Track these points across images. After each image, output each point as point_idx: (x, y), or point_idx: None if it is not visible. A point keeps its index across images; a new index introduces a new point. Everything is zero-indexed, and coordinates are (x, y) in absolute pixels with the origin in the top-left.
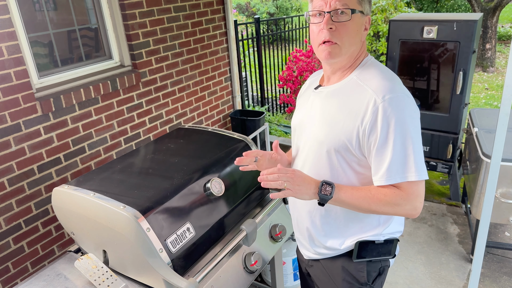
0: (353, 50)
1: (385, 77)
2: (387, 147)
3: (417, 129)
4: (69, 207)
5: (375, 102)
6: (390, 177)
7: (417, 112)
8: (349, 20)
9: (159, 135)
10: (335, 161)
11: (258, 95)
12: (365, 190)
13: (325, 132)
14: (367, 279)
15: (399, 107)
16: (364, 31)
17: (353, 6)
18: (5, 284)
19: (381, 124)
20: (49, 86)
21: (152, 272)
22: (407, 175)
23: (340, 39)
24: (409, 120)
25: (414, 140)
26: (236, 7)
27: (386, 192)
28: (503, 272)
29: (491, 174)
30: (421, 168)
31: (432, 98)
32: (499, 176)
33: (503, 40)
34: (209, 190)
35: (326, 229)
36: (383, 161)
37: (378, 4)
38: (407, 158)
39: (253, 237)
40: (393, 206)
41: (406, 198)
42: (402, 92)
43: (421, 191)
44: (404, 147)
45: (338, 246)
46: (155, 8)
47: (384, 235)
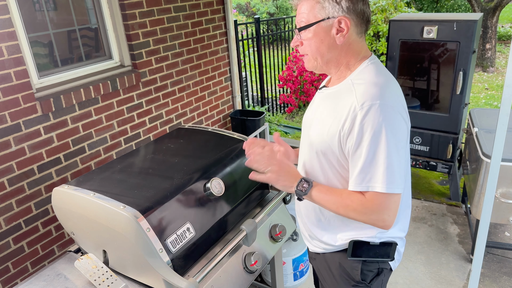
0: (328, 58)
1: (375, 82)
2: (360, 154)
3: (395, 139)
4: (69, 207)
5: (354, 108)
6: (359, 184)
7: (400, 123)
8: (304, 36)
9: (159, 135)
10: (323, 163)
11: (258, 95)
12: (336, 193)
13: (316, 133)
14: (361, 277)
15: (376, 116)
16: (337, 34)
17: (309, 19)
18: (5, 284)
19: (356, 131)
20: (49, 86)
21: (152, 272)
22: (373, 185)
23: (307, 51)
24: (386, 130)
25: (389, 151)
26: (236, 7)
27: (354, 199)
28: (503, 272)
29: (491, 174)
30: (391, 180)
31: (432, 98)
32: (499, 176)
33: (503, 40)
34: (209, 190)
35: (320, 225)
36: (355, 167)
37: (378, 4)
38: (377, 168)
39: (253, 237)
40: (358, 214)
41: (371, 208)
42: (385, 100)
43: (390, 204)
44: (375, 156)
45: (333, 242)
46: (155, 8)
47: (380, 238)
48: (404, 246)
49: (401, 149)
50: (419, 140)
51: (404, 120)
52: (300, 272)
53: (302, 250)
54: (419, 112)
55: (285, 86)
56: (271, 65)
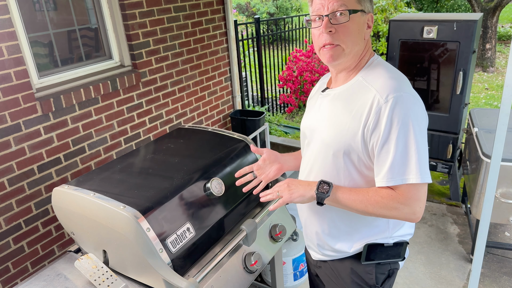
0: (356, 50)
1: (391, 76)
2: (389, 148)
3: (421, 130)
4: (69, 207)
5: (378, 102)
6: (391, 178)
7: (423, 113)
8: (348, 21)
9: (159, 135)
10: (341, 164)
11: (258, 95)
12: (363, 192)
13: (332, 134)
14: (375, 281)
15: (402, 107)
16: (367, 29)
17: (352, 6)
18: (5, 284)
19: (383, 124)
20: (49, 86)
21: (152, 272)
22: (408, 177)
23: (341, 40)
24: (412, 121)
25: (417, 142)
26: (236, 7)
27: (384, 195)
28: (503, 272)
29: (491, 174)
30: (424, 170)
31: (432, 98)
32: (499, 176)
33: (503, 40)
34: (209, 190)
35: (334, 233)
36: (385, 162)
37: (378, 4)
38: (409, 160)
39: (253, 237)
40: (390, 210)
41: (403, 202)
42: (408, 92)
43: (421, 195)
44: (406, 148)
45: (347, 249)
46: (155, 8)
47: (393, 238)
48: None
49: (426, 139)
50: None
51: (424, 110)
52: (300, 272)
53: (302, 250)
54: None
55: (285, 86)
56: (271, 65)
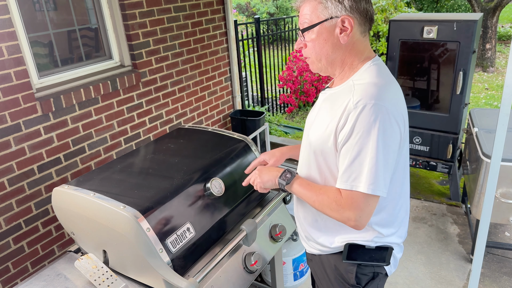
0: (332, 58)
1: (375, 82)
2: (347, 152)
3: (385, 142)
4: (69, 207)
5: (349, 106)
6: (342, 182)
7: (391, 126)
8: (307, 38)
9: (159, 135)
10: (321, 163)
11: (258, 95)
12: (316, 189)
13: (314, 133)
14: (355, 281)
15: (368, 115)
16: (341, 34)
17: (312, 20)
18: (5, 284)
19: (348, 128)
20: (49, 86)
21: (152, 272)
22: (357, 184)
23: (309, 54)
24: (375, 131)
25: (377, 152)
26: (236, 7)
27: (330, 195)
28: (503, 272)
29: (491, 174)
30: (374, 181)
31: (432, 98)
32: (499, 176)
33: (503, 40)
34: (209, 190)
35: (316, 225)
36: (342, 165)
37: (378, 4)
38: (362, 168)
39: (253, 237)
40: (331, 210)
41: (343, 206)
42: (381, 101)
43: (363, 205)
44: (361, 156)
45: (329, 244)
46: (155, 8)
47: (376, 242)
48: (401, 252)
49: (390, 153)
50: (419, 140)
51: (398, 124)
52: (300, 272)
53: (302, 250)
54: (419, 112)
55: (285, 86)
56: (271, 65)
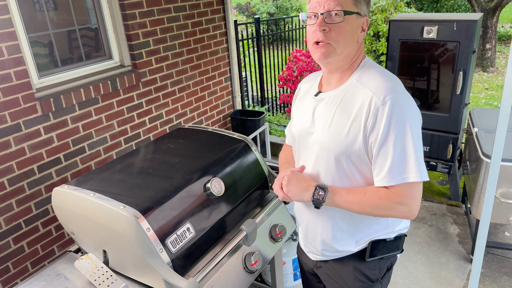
0: (348, 51)
1: (385, 78)
2: (388, 149)
3: (417, 130)
4: (69, 207)
5: (375, 103)
6: (392, 178)
7: (418, 113)
8: (342, 21)
9: (159, 135)
10: (345, 167)
11: (258, 95)
12: (360, 194)
13: (332, 139)
14: (379, 276)
15: (399, 108)
16: (361, 32)
17: (348, 7)
18: (5, 284)
19: (382, 125)
20: (49, 86)
21: (152, 272)
22: (408, 176)
23: (334, 40)
24: (409, 121)
25: (414, 141)
26: (236, 7)
27: (381, 196)
28: (503, 272)
29: (491, 174)
30: (422, 169)
31: (432, 98)
32: (499, 176)
33: (503, 40)
34: (209, 190)
35: (338, 236)
36: (385, 163)
37: (378, 4)
38: (408, 160)
39: (253, 237)
40: (388, 210)
41: (400, 201)
42: (402, 93)
43: (417, 193)
44: (404, 149)
45: (352, 249)
46: (155, 8)
47: (394, 232)
48: None
49: (421, 137)
50: None
51: (419, 111)
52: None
53: None
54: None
55: (285, 86)
56: (271, 65)
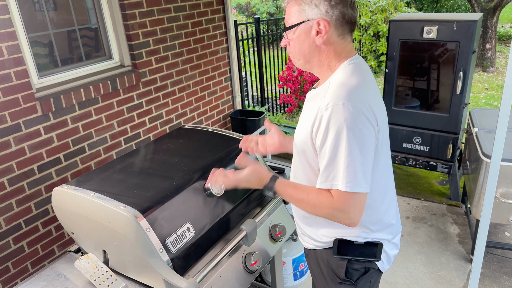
0: (310, 58)
1: (345, 83)
2: (324, 153)
3: (358, 140)
4: (69, 207)
5: (321, 108)
6: (321, 182)
7: (363, 124)
8: (290, 37)
9: (159, 135)
10: (304, 162)
11: (258, 95)
12: (304, 193)
13: (297, 133)
14: (345, 275)
15: (338, 116)
16: (317, 36)
17: (292, 21)
18: (5, 284)
19: (322, 130)
20: (49, 86)
21: (152, 272)
22: (336, 183)
23: (291, 53)
24: (345, 130)
25: (351, 151)
26: (236, 7)
27: (322, 200)
28: (503, 272)
29: (491, 174)
30: (352, 179)
31: (432, 98)
32: (499, 176)
33: (503, 40)
34: (209, 190)
35: (306, 221)
36: (321, 166)
37: (378, 4)
38: (338, 167)
39: (253, 237)
40: (326, 214)
41: (338, 208)
42: (350, 101)
43: (355, 202)
44: (336, 156)
45: (320, 239)
46: (155, 8)
47: (364, 238)
48: (395, 250)
49: (367, 150)
50: (419, 140)
51: (371, 122)
52: (300, 272)
53: (302, 250)
54: (419, 112)
55: (285, 86)
56: (271, 65)
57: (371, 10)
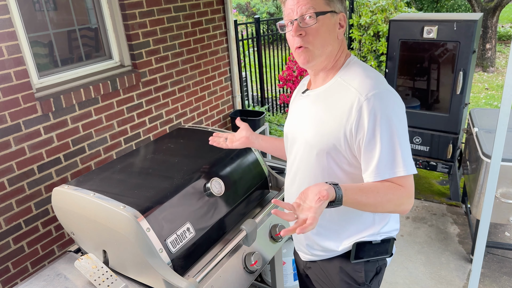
0: (330, 50)
1: (368, 75)
2: (375, 144)
3: (403, 123)
4: (69, 207)
5: (359, 100)
6: (379, 173)
7: (402, 107)
8: (316, 23)
9: (159, 135)
10: (325, 163)
11: (258, 95)
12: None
13: (314, 135)
14: (365, 279)
15: (382, 103)
16: (340, 29)
17: (320, 8)
18: (5, 284)
19: (367, 121)
20: (49, 86)
21: (152, 272)
22: (396, 171)
23: (311, 43)
24: (394, 116)
25: (400, 135)
26: (236, 7)
27: (395, 192)
28: (503, 272)
29: (491, 174)
30: (409, 162)
31: (432, 98)
32: (499, 176)
33: (503, 40)
34: (209, 190)
35: (322, 232)
36: (372, 158)
37: (378, 4)
38: (395, 154)
39: (253, 237)
40: (399, 206)
41: (409, 195)
42: (385, 88)
43: (410, 186)
44: (391, 142)
45: (336, 248)
46: (155, 8)
47: (381, 235)
48: None
49: (407, 131)
50: (419, 140)
51: (403, 103)
52: None
53: None
54: (419, 112)
55: (285, 86)
56: (271, 65)
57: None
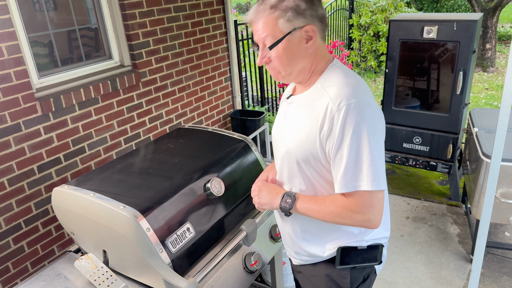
0: (300, 67)
1: (346, 82)
2: (342, 155)
3: (376, 136)
4: (69, 207)
5: (331, 110)
6: (344, 185)
7: (378, 118)
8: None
9: (159, 135)
10: (306, 171)
11: (258, 95)
12: (320, 202)
13: (294, 142)
14: (350, 285)
15: (354, 115)
16: (307, 42)
17: (276, 35)
18: (5, 284)
19: (337, 131)
20: (49, 86)
21: (152, 272)
22: (360, 184)
23: (277, 68)
24: (365, 127)
25: (371, 149)
26: (236, 7)
27: (338, 204)
28: (503, 272)
29: (491, 174)
30: (376, 178)
31: (432, 98)
32: (499, 176)
33: (503, 40)
34: (209, 190)
35: (306, 237)
36: (339, 169)
37: (378, 4)
38: (361, 167)
39: (253, 237)
40: (344, 219)
41: (356, 210)
42: (360, 99)
43: (375, 202)
44: (358, 155)
45: (321, 254)
46: (155, 8)
47: (367, 241)
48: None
49: (382, 145)
50: (419, 140)
51: (381, 117)
52: None
53: None
54: (419, 112)
55: (285, 86)
56: None
57: (371, 10)
